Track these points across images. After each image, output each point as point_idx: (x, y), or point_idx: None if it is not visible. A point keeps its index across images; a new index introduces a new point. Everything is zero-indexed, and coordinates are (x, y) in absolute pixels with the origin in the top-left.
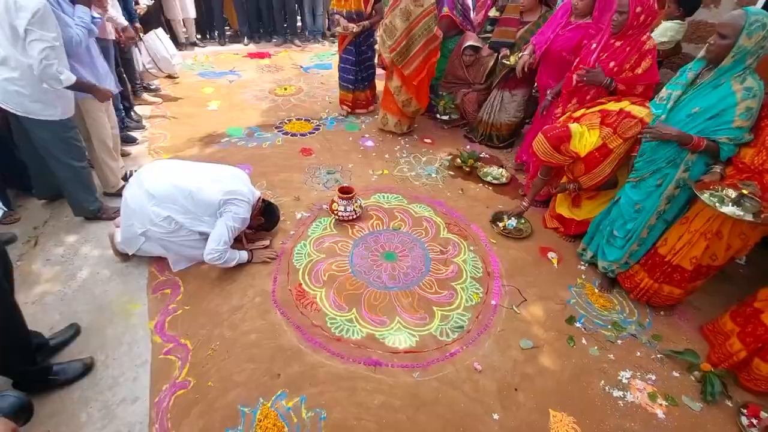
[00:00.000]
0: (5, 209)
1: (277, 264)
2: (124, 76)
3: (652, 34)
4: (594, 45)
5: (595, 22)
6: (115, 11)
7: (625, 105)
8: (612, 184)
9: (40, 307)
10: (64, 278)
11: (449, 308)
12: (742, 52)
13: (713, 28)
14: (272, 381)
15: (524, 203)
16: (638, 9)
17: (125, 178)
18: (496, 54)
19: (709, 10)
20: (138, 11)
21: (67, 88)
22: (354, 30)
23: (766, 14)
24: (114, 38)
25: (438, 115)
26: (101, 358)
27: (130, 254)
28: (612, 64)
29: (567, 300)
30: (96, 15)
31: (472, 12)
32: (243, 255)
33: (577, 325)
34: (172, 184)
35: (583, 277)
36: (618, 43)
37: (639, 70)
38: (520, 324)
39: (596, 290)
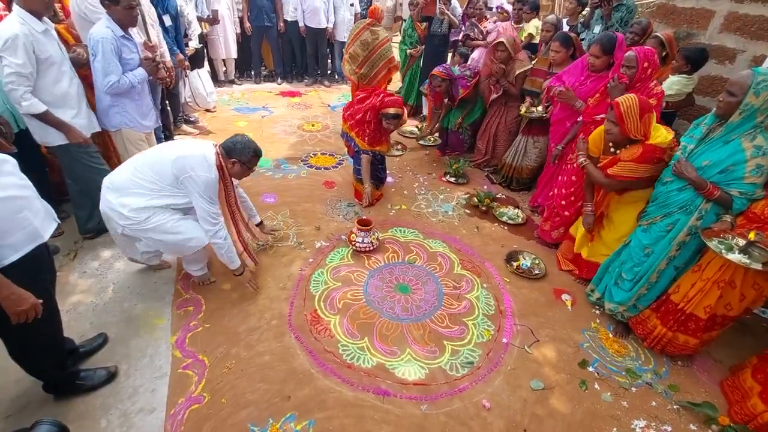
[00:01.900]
0: (59, 221)
1: (294, 289)
2: (168, 108)
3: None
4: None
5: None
6: (166, 51)
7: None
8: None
9: (74, 316)
10: (97, 290)
11: (460, 343)
12: (750, 109)
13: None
14: (283, 403)
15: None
16: (645, 64)
17: None
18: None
19: (724, 66)
20: (187, 51)
21: (38, 118)
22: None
23: None
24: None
25: (447, 176)
26: (124, 367)
27: (140, 260)
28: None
29: (580, 343)
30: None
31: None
32: (237, 262)
33: (590, 369)
34: (126, 170)
35: (598, 321)
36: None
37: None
38: (531, 364)
39: (611, 335)
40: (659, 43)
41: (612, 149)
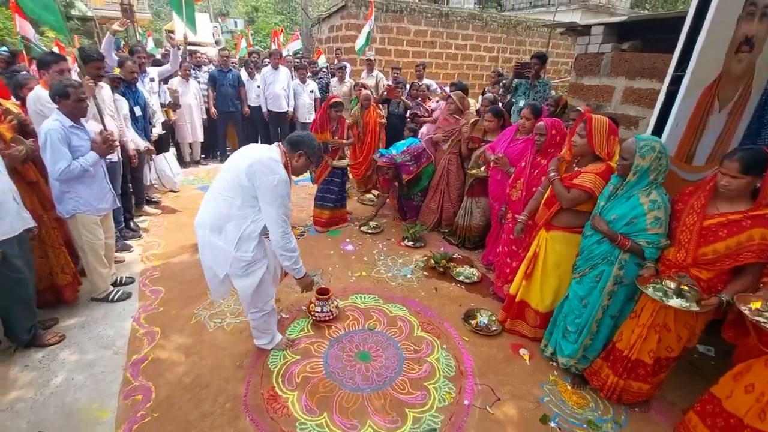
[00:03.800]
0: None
1: (252, 367)
2: (131, 191)
3: None
4: (523, 163)
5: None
6: (133, 134)
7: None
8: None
9: (10, 415)
10: (39, 384)
11: (422, 410)
12: (641, 169)
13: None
14: None
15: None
16: (553, 131)
17: (116, 284)
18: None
19: (631, 130)
20: (152, 137)
21: None
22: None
23: (654, 139)
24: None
25: (405, 240)
26: None
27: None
28: (542, 177)
29: (540, 398)
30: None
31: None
32: (303, 269)
33: (552, 424)
34: (216, 195)
35: (556, 373)
36: (543, 161)
37: None
38: (493, 425)
39: (569, 387)
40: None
41: (574, 166)
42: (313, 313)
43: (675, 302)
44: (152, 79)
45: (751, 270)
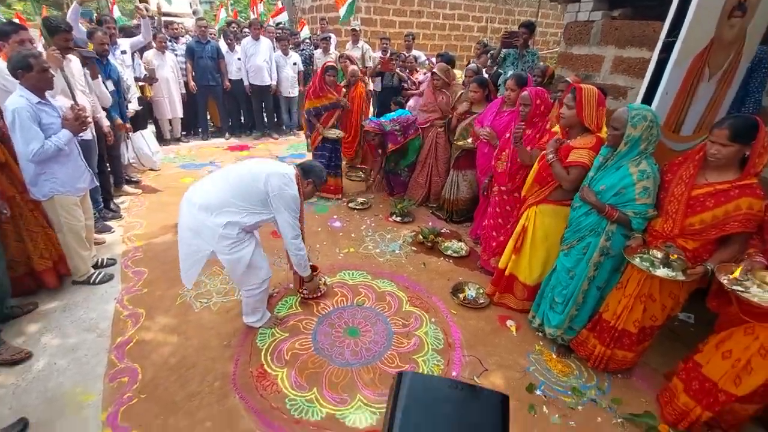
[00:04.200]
0: None
1: (240, 345)
2: (108, 170)
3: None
4: (508, 135)
5: None
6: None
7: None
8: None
9: None
10: (19, 370)
11: None
12: (632, 139)
13: None
14: None
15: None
16: (538, 101)
17: (96, 266)
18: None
19: (619, 101)
20: (128, 114)
21: None
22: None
23: (646, 108)
24: (105, 134)
25: (393, 216)
26: None
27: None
28: (527, 148)
29: (526, 367)
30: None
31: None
32: (309, 269)
33: (538, 392)
34: (219, 189)
35: (541, 343)
36: (528, 131)
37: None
38: None
39: (554, 356)
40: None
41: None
42: (301, 291)
43: (661, 272)
44: (124, 52)
45: (737, 239)
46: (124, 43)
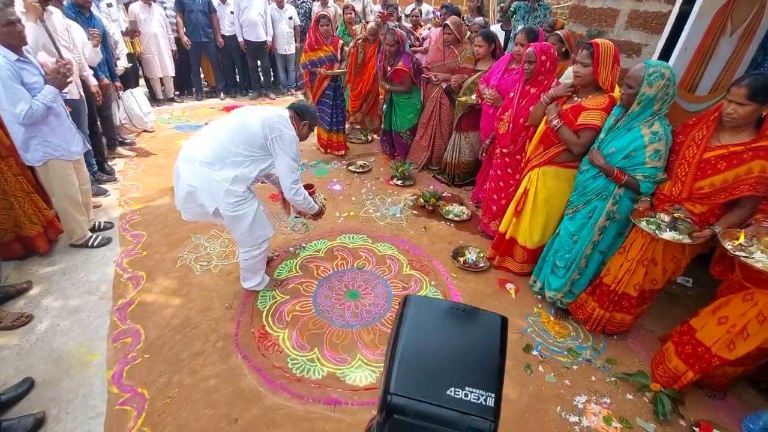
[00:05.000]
0: None
1: (241, 307)
2: (100, 131)
3: (561, 78)
4: (512, 94)
5: None
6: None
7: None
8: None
9: None
10: (22, 332)
11: None
12: (647, 98)
13: None
14: (230, 427)
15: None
16: (543, 57)
17: (94, 230)
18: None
19: (632, 59)
20: (117, 71)
21: None
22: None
23: (664, 64)
24: (93, 93)
25: (393, 179)
26: (54, 411)
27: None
28: (531, 108)
29: (524, 329)
30: (65, 91)
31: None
32: (316, 205)
33: (534, 353)
34: (219, 140)
35: (540, 306)
36: (533, 90)
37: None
38: None
39: (552, 318)
40: (558, 39)
41: (575, 97)
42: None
43: (668, 235)
44: (109, 5)
45: (746, 203)
46: None
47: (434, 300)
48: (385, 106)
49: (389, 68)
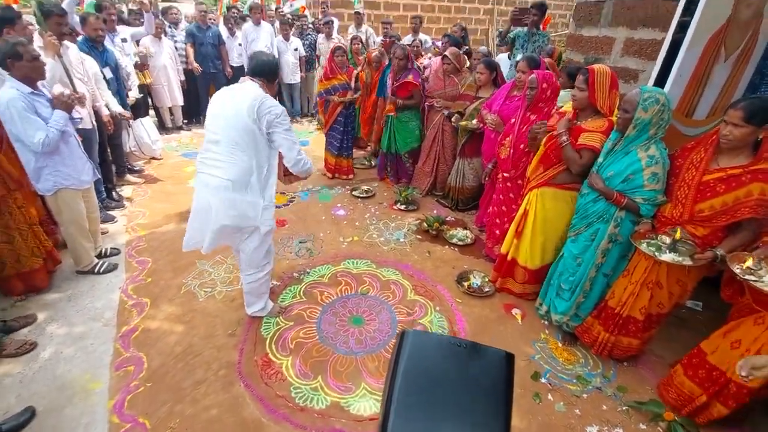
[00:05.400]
0: None
1: (244, 334)
2: (110, 159)
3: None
4: (513, 120)
5: None
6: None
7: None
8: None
9: None
10: (27, 359)
11: None
12: (642, 123)
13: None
14: None
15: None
16: (545, 85)
17: (100, 256)
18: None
19: (630, 84)
20: (129, 101)
21: None
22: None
23: (659, 91)
24: (105, 123)
25: (397, 204)
26: None
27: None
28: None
29: (531, 356)
30: (76, 116)
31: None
32: (312, 166)
33: (543, 380)
34: (232, 156)
35: (547, 332)
36: (533, 117)
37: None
38: None
39: (560, 344)
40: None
41: (575, 121)
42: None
43: (668, 257)
44: (124, 40)
45: (748, 226)
46: (124, 31)
47: (433, 335)
48: (384, 129)
49: (396, 82)
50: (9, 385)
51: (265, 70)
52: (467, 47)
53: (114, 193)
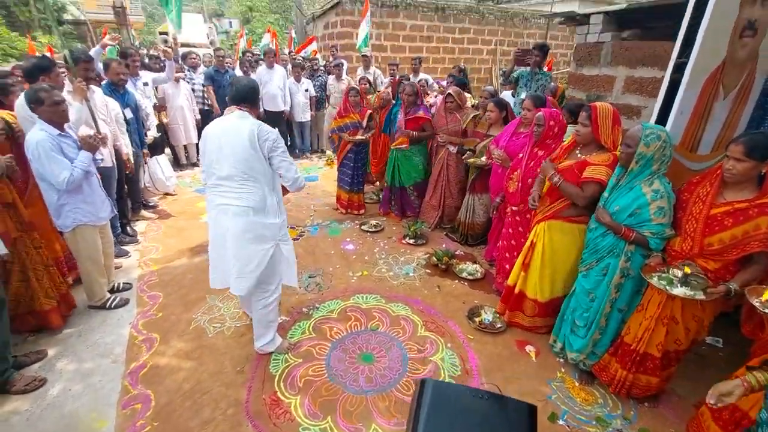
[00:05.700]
0: None
1: (253, 371)
2: (126, 196)
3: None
4: (521, 155)
5: None
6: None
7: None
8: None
9: (4, 428)
10: (35, 396)
11: None
12: (644, 157)
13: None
14: None
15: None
16: (552, 122)
17: (113, 291)
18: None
19: (632, 120)
20: (147, 140)
21: None
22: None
23: (660, 128)
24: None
25: (406, 238)
26: None
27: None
28: (538, 169)
29: (548, 395)
30: (98, 156)
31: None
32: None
33: (560, 422)
34: (244, 179)
35: (563, 370)
36: (540, 152)
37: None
38: None
39: (577, 383)
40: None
41: (578, 154)
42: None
43: (680, 291)
44: (146, 84)
45: (760, 260)
46: (146, 75)
47: (454, 386)
48: (388, 163)
49: (406, 116)
50: (16, 424)
51: (249, 96)
52: (467, 85)
53: (129, 228)
